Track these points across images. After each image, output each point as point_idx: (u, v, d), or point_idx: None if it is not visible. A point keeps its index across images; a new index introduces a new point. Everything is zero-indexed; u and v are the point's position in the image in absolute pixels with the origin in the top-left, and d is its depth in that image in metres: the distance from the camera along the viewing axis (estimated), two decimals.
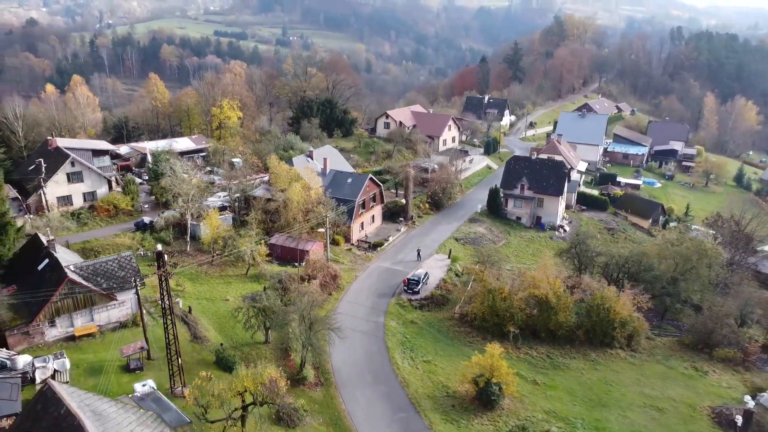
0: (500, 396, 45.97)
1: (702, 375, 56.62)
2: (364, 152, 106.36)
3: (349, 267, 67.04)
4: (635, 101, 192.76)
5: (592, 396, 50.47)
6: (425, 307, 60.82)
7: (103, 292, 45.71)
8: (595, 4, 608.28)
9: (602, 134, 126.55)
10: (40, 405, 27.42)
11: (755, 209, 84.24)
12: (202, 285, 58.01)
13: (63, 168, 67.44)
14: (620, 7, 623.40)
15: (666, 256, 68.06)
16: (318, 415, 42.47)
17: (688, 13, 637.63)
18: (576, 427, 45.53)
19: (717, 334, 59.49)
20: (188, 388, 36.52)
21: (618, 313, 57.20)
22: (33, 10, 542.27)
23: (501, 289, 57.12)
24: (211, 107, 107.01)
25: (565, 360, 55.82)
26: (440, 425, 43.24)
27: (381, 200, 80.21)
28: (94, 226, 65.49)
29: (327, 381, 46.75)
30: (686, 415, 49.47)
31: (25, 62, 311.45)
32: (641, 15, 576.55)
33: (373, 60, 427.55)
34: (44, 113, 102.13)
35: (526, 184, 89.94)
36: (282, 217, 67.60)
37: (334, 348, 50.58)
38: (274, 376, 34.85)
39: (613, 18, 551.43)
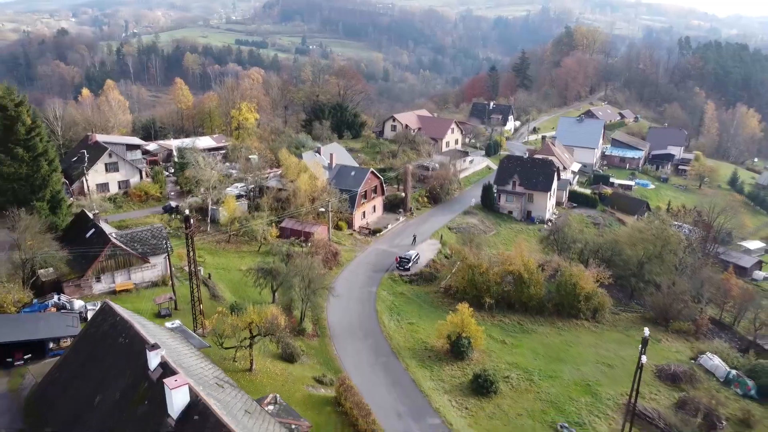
0: (469, 348, 54.65)
1: (655, 342, 64.79)
2: (371, 152, 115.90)
3: (349, 248, 76.39)
4: (640, 109, 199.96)
5: (551, 354, 58.98)
6: (414, 282, 69.89)
7: (139, 256, 55.59)
8: (613, 14, 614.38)
9: (598, 138, 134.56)
10: (101, 316, 37.17)
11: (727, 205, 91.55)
12: (220, 258, 67.76)
13: (102, 159, 78.01)
14: (639, 17, 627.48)
15: (635, 242, 76.36)
16: (313, 357, 51.64)
17: (709, 23, 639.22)
18: (533, 375, 54.04)
19: (673, 309, 67.69)
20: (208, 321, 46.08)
21: (583, 288, 65.67)
22: (63, 20, 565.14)
23: (479, 265, 65.93)
24: (230, 109, 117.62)
25: (534, 327, 64.45)
26: (416, 369, 52.09)
27: (382, 192, 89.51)
28: (127, 208, 75.80)
29: (323, 333, 56.00)
30: (632, 370, 57.37)
31: (56, 70, 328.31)
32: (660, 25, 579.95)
33: (391, 69, 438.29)
34: (81, 114, 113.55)
35: (517, 181, 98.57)
36: (291, 204, 77.18)
37: (330, 310, 59.89)
38: (275, 313, 44.22)
39: (631, 28, 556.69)
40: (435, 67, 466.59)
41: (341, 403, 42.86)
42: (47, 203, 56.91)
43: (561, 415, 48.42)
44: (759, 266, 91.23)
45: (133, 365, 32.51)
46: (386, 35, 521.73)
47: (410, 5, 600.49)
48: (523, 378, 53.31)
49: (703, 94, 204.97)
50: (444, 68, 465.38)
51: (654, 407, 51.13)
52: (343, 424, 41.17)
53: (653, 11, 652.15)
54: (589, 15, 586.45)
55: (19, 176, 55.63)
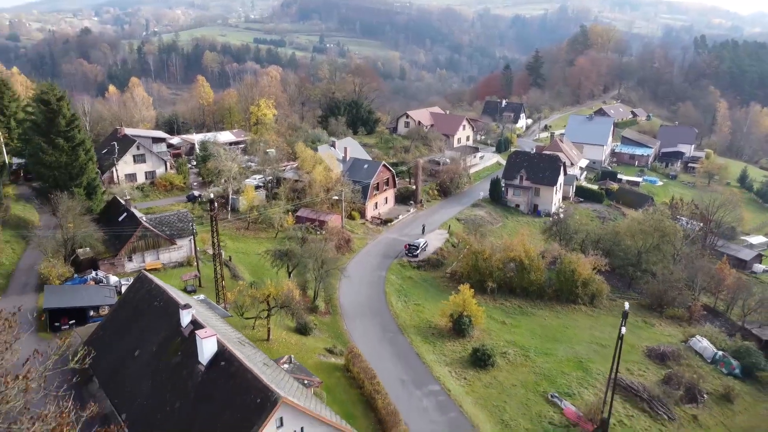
0: (470, 326, 59.11)
1: (649, 326, 68.89)
2: (384, 147, 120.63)
3: (361, 236, 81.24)
4: (654, 107, 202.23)
5: (548, 334, 63.25)
6: (422, 268, 74.51)
7: (167, 237, 60.92)
8: (633, 13, 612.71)
9: (607, 136, 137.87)
10: (138, 283, 42.40)
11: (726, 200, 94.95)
12: (240, 243, 72.96)
13: (130, 151, 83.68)
14: (659, 15, 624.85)
15: (634, 233, 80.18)
16: (325, 332, 56.54)
17: (731, 21, 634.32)
18: (529, 351, 58.34)
19: (668, 296, 71.52)
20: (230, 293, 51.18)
21: (581, 274, 69.78)
22: (86, 19, 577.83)
23: (483, 251, 70.35)
24: (249, 106, 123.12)
25: (533, 310, 68.75)
26: (419, 344, 56.74)
27: (393, 185, 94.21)
28: (154, 197, 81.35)
29: (334, 311, 60.87)
30: (625, 350, 61.36)
31: (79, 68, 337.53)
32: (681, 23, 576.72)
33: (408, 67, 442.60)
34: (108, 110, 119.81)
35: (524, 175, 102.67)
36: (307, 194, 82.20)
37: (342, 291, 64.78)
38: (291, 288, 49.19)
39: (651, 26, 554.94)
40: (451, 65, 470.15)
41: (349, 368, 47.78)
42: (84, 189, 62.48)
43: (552, 387, 52.68)
44: (759, 259, 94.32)
45: (167, 323, 37.68)
46: (403, 34, 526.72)
47: (428, 4, 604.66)
48: (520, 354, 57.64)
49: (717, 92, 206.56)
50: (460, 67, 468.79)
51: (640, 381, 55.20)
52: (350, 386, 46.05)
53: (674, 9, 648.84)
54: (608, 13, 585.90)
55: (60, 164, 61.27)
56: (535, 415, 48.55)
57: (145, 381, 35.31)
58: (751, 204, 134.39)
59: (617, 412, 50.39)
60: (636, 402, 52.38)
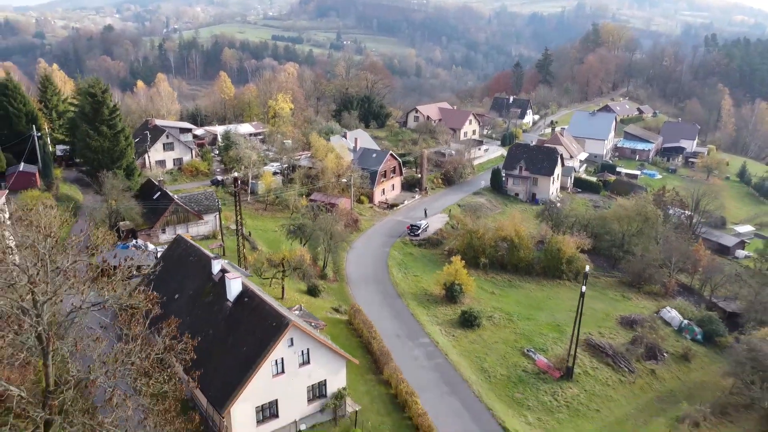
0: (461, 294, 67.46)
1: (627, 299, 76.81)
2: (394, 140, 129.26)
3: (369, 218, 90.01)
4: (662, 105, 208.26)
5: (532, 303, 71.52)
6: (423, 246, 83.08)
7: (195, 213, 70.19)
8: (651, 10, 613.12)
9: (608, 131, 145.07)
10: (176, 243, 51.70)
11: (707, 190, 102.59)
12: (258, 221, 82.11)
13: (161, 140, 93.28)
14: (680, 12, 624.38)
15: (620, 218, 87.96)
16: (332, 295, 65.37)
17: (754, 19, 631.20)
18: (513, 316, 66.60)
19: (645, 273, 79.28)
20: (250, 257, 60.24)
21: (565, 252, 77.83)
22: (108, 17, 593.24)
23: (477, 230, 78.74)
24: (268, 100, 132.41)
25: (521, 283, 77.04)
26: (415, 307, 65.30)
27: (400, 173, 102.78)
28: (181, 181, 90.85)
29: (341, 279, 69.73)
30: (600, 318, 69.83)
31: (102, 64, 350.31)
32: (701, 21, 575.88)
33: (423, 65, 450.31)
34: (136, 104, 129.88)
35: (523, 166, 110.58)
36: (320, 179, 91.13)
37: (349, 263, 73.66)
38: (302, 253, 58.10)
39: (670, 24, 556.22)
40: (467, 63, 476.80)
41: (351, 322, 56.67)
42: (124, 171, 71.95)
43: (530, 344, 60.97)
44: (742, 246, 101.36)
45: (201, 272, 46.79)
46: (420, 31, 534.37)
47: (444, 1, 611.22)
48: (504, 318, 65.97)
49: (726, 90, 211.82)
50: (476, 64, 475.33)
51: (609, 342, 63.23)
52: (351, 335, 54.92)
53: (694, 6, 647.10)
54: (626, 11, 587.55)
55: (103, 148, 70.79)
56: (511, 365, 56.99)
57: (185, 317, 44.28)
58: (748, 197, 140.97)
59: (584, 365, 58.69)
60: (602, 358, 60.49)
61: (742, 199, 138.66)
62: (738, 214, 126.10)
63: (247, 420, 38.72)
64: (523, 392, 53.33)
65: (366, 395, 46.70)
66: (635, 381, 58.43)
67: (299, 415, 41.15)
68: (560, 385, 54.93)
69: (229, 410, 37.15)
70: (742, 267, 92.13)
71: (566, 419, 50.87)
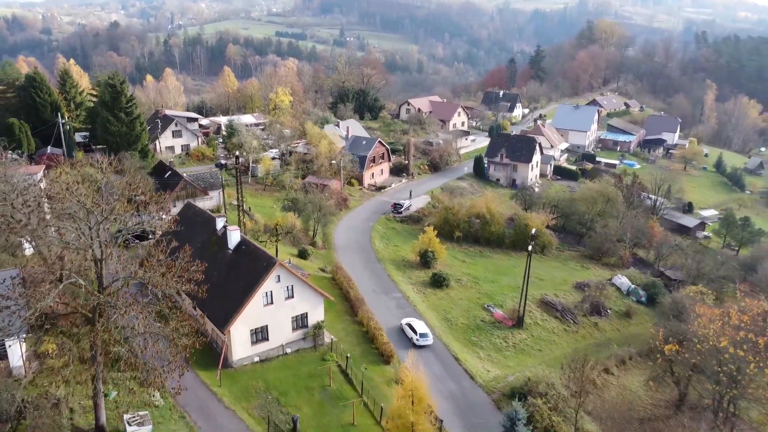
0: (434, 260, 77.78)
1: (586, 269, 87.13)
2: (386, 130, 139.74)
3: (357, 198, 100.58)
4: (651, 99, 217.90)
5: (499, 270, 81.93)
6: (405, 222, 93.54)
7: (202, 189, 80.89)
8: (655, 7, 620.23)
9: (590, 123, 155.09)
10: (186, 207, 62.41)
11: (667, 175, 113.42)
12: (258, 199, 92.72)
13: (170, 127, 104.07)
14: (683, 9, 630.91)
15: (585, 199, 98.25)
16: (321, 259, 75.94)
17: (758, 15, 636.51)
18: (479, 280, 77.01)
19: (604, 247, 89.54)
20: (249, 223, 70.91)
21: (531, 227, 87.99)
22: (113, 13, 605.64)
23: (452, 207, 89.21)
24: (268, 93, 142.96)
25: (491, 254, 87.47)
26: (392, 270, 75.72)
27: (389, 159, 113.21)
28: (189, 165, 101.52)
29: (329, 247, 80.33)
30: (558, 283, 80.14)
31: (109, 60, 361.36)
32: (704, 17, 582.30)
33: (425, 61, 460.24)
34: (146, 96, 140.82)
35: (504, 154, 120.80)
36: (314, 163, 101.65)
37: (336, 234, 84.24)
38: (293, 220, 68.71)
39: (672, 20, 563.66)
40: (469, 59, 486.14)
41: (335, 278, 67.26)
42: (139, 153, 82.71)
43: (490, 301, 71.42)
44: (702, 227, 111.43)
45: (207, 229, 57.43)
46: (423, 28, 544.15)
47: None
48: (471, 281, 76.45)
49: (714, 86, 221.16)
50: (478, 61, 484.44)
51: (560, 301, 73.57)
52: (334, 287, 65.47)
53: (698, 3, 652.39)
54: (629, 8, 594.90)
55: (121, 133, 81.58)
56: (471, 317, 67.49)
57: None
58: (721, 186, 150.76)
59: (535, 317, 69.15)
60: (552, 312, 70.89)
61: (715, 188, 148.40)
62: (709, 200, 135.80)
63: (244, 340, 49.40)
64: (478, 337, 63.87)
65: (342, 331, 57.35)
66: (578, 331, 68.92)
67: (285, 341, 51.78)
68: (511, 331, 65.48)
69: (230, 329, 47.84)
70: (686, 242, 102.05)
71: (512, 356, 61.43)
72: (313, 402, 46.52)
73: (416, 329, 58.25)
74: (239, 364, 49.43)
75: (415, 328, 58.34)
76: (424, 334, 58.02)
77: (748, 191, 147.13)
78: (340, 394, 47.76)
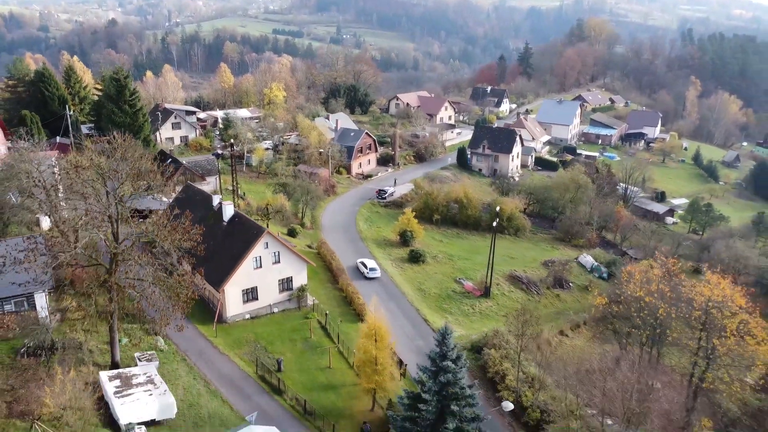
0: (412, 238, 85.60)
1: (555, 249, 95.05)
2: (375, 124, 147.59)
3: (345, 186, 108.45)
4: (637, 95, 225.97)
5: (473, 249, 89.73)
6: (388, 207, 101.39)
7: (199, 174, 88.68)
8: (650, 5, 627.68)
9: (573, 117, 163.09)
10: (185, 188, 70.28)
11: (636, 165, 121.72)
12: (252, 186, 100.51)
13: (170, 120, 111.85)
14: (678, 7, 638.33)
15: (558, 186, 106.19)
16: (308, 237, 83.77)
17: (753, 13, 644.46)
18: (454, 257, 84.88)
19: (573, 229, 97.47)
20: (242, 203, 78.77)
21: (505, 211, 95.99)
22: (110, 10, 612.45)
23: (431, 192, 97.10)
24: (263, 89, 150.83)
25: (468, 236, 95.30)
26: (373, 247, 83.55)
27: (376, 149, 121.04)
28: (188, 154, 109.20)
29: (316, 227, 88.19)
30: (528, 261, 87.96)
31: (107, 58, 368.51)
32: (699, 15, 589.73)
33: (421, 59, 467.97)
34: (145, 91, 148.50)
35: (486, 145, 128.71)
36: (305, 153, 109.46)
37: (323, 216, 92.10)
38: (282, 200, 76.56)
39: (667, 18, 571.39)
40: (465, 57, 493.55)
41: (320, 252, 75.10)
42: (142, 142, 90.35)
43: (463, 275, 79.29)
44: (671, 214, 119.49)
45: (205, 206, 65.24)
46: (419, 26, 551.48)
47: None
48: (446, 258, 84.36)
49: (698, 83, 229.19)
50: (474, 58, 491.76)
51: (528, 276, 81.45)
52: (318, 259, 73.21)
53: (693, 1, 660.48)
54: (625, 5, 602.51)
55: (125, 123, 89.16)
56: (443, 288, 75.40)
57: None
58: (697, 177, 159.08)
59: (502, 289, 77.05)
60: (518, 285, 78.81)
61: (691, 179, 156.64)
62: (683, 190, 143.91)
63: (237, 299, 57.26)
64: (449, 305, 71.85)
65: (324, 296, 65.25)
66: (540, 300, 76.89)
67: (273, 301, 59.66)
68: (479, 300, 73.48)
69: (224, 289, 55.70)
70: (647, 225, 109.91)
71: (477, 320, 69.36)
72: (296, 350, 54.45)
73: (367, 265, 73.00)
74: (232, 320, 57.32)
75: (366, 264, 73.10)
76: (373, 269, 72.86)
77: (722, 182, 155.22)
78: (319, 344, 55.68)
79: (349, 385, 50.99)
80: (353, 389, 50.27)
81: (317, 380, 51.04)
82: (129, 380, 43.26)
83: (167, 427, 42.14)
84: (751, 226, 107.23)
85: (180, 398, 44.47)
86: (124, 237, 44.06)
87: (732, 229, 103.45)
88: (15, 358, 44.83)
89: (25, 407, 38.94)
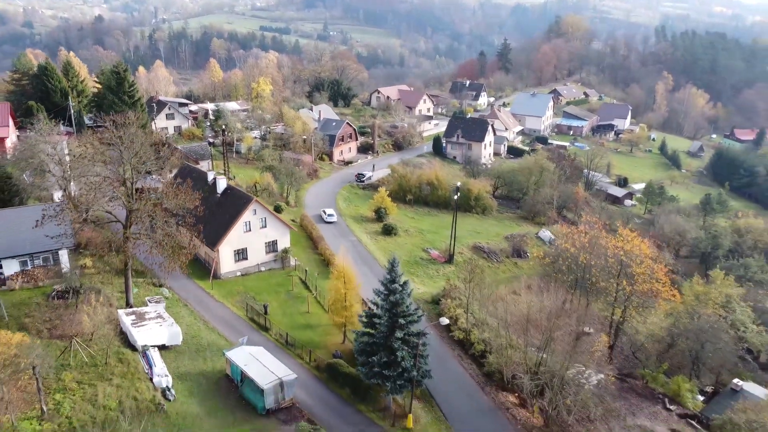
0: (386, 215, 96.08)
1: (518, 226, 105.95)
2: (357, 115, 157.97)
3: (327, 171, 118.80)
4: (611, 89, 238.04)
5: (442, 225, 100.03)
6: (366, 189, 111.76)
7: (194, 158, 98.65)
8: (634, 1, 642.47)
9: (546, 109, 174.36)
10: (182, 167, 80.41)
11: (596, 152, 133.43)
12: (241, 171, 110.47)
13: (164, 111, 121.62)
14: (661, 3, 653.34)
15: (524, 170, 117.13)
16: (292, 214, 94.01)
17: (732, 10, 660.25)
18: (424, 231, 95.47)
19: (536, 208, 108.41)
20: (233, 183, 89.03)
21: (472, 192, 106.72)
22: (96, 6, 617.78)
23: (405, 175, 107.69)
24: (251, 83, 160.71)
25: (438, 214, 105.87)
26: (351, 222, 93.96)
27: (356, 138, 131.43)
28: (181, 143, 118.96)
29: (299, 205, 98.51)
30: (492, 235, 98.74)
31: (95, 54, 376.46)
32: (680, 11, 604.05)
33: (407, 55, 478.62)
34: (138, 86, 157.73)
35: (460, 134, 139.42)
36: (290, 141, 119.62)
37: (307, 196, 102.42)
38: (268, 179, 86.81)
39: (650, 14, 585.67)
40: (451, 53, 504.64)
41: (302, 224, 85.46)
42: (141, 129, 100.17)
43: (430, 246, 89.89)
44: (630, 197, 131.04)
45: (201, 181, 75.36)
46: (405, 22, 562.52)
47: None
48: (417, 231, 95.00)
49: (670, 78, 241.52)
50: (459, 54, 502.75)
51: (490, 246, 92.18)
52: (301, 231, 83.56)
53: None
54: (608, 2, 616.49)
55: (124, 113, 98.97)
56: (412, 256, 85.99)
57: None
58: (662, 165, 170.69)
59: (465, 257, 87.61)
60: (480, 254, 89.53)
61: (656, 167, 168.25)
62: (646, 177, 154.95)
63: (229, 258, 67.51)
64: (416, 269, 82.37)
65: (305, 259, 75.67)
66: (499, 267, 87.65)
67: (260, 261, 69.99)
68: (443, 266, 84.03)
69: (218, 248, 65.93)
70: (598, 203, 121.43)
71: (440, 281, 79.88)
72: (280, 299, 64.89)
73: (326, 212, 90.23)
74: (226, 276, 67.60)
75: (326, 212, 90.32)
76: (331, 214, 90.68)
77: (684, 170, 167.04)
78: (300, 295, 66.20)
79: (324, 325, 61.48)
80: (328, 328, 60.78)
81: (297, 321, 61.48)
82: (143, 315, 53.49)
83: (175, 351, 52.40)
84: (699, 206, 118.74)
85: (184, 332, 54.68)
86: (137, 198, 54.22)
87: (680, 207, 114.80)
88: (47, 300, 54.94)
89: (62, 332, 49.13)
